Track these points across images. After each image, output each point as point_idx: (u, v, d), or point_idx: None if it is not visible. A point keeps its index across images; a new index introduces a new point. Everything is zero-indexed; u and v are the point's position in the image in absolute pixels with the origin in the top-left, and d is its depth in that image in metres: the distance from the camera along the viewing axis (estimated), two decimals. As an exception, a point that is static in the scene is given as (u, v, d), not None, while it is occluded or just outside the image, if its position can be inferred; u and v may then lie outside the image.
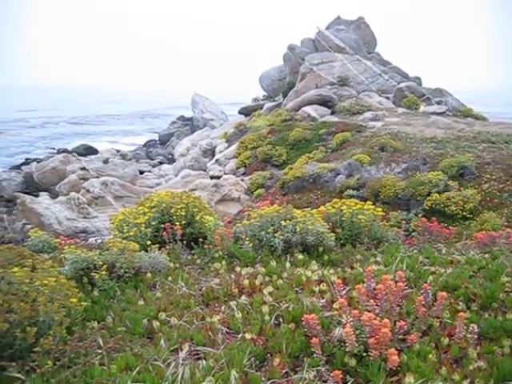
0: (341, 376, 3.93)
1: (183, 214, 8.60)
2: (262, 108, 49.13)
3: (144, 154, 52.75)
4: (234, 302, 5.66)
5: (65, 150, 53.91)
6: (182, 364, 4.31)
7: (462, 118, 37.11)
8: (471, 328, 4.44)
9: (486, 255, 7.17)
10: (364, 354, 4.21)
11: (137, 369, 4.23)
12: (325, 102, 40.99)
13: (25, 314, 4.43)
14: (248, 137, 35.67)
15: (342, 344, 4.38)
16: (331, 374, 4.02)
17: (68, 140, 71.77)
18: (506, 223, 16.16)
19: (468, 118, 37.40)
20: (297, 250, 7.56)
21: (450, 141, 27.81)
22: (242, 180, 30.36)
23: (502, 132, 30.07)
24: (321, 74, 46.61)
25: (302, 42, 54.80)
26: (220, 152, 38.33)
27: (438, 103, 42.29)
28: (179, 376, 4.08)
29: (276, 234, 7.59)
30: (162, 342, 4.77)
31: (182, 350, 4.62)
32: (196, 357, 4.60)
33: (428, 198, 18.96)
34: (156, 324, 5.21)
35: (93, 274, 6.37)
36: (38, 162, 40.04)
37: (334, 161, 26.22)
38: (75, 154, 41.34)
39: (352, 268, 6.88)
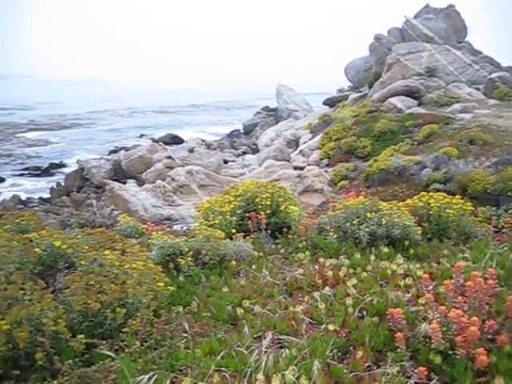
0: (425, 373, 3.86)
1: (268, 203, 8.66)
2: (346, 99, 48.61)
3: (228, 143, 53.28)
4: (318, 293, 5.66)
5: (152, 139, 55.34)
6: (265, 352, 4.33)
7: (559, 111, 35.31)
8: None
9: None
10: (450, 352, 4.10)
11: (220, 354, 4.29)
12: (411, 93, 40.07)
13: (115, 295, 4.58)
14: (332, 128, 35.37)
15: (428, 340, 4.28)
16: (415, 370, 3.95)
17: (155, 129, 73.67)
18: None
19: None
20: (382, 242, 7.45)
21: (544, 134, 26.60)
22: (326, 171, 30.17)
23: None
24: (408, 64, 45.52)
25: (388, 32, 53.66)
26: (304, 143, 38.17)
27: (534, 94, 40.42)
28: (262, 363, 4.11)
29: (361, 226, 7.52)
30: (246, 329, 4.82)
31: (265, 337, 4.65)
32: (279, 345, 4.63)
33: (520, 194, 18.22)
34: (240, 311, 5.27)
35: (179, 259, 6.52)
36: (126, 151, 41.23)
37: (420, 153, 25.61)
38: (161, 143, 42.24)
39: (438, 263, 6.72)
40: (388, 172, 24.13)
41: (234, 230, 7.88)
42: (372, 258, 6.86)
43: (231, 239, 7.49)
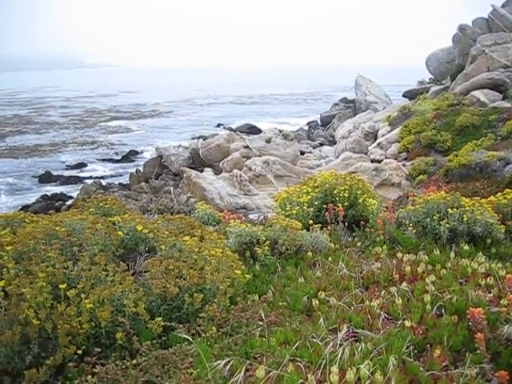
0: (507, 377, 3.70)
1: (346, 195, 8.60)
2: (427, 91, 47.43)
3: (305, 134, 53.23)
4: (395, 288, 5.56)
5: (229, 129, 55.94)
6: (341, 344, 4.30)
7: None
8: None
9: None
10: (535, 358, 3.95)
11: (295, 344, 4.29)
12: (496, 87, 38.70)
13: (193, 280, 4.67)
14: (412, 121, 34.66)
15: (510, 343, 4.14)
16: (496, 374, 3.81)
17: (233, 119, 74.43)
18: None
19: None
20: (462, 240, 7.27)
21: None
22: (404, 165, 29.63)
23: None
24: (493, 56, 43.94)
25: (473, 22, 51.70)
26: (382, 135, 37.58)
27: None
28: (337, 356, 4.07)
29: (441, 222, 7.34)
30: (321, 320, 4.80)
31: (340, 330, 4.61)
32: (354, 339, 4.58)
33: None
34: (315, 302, 5.25)
35: (256, 248, 6.57)
36: (204, 139, 41.83)
37: (504, 149, 24.71)
38: (239, 133, 42.60)
39: (522, 264, 6.49)
40: (469, 167, 23.45)
41: (311, 221, 7.86)
42: (452, 255, 6.69)
43: (308, 230, 7.48)
